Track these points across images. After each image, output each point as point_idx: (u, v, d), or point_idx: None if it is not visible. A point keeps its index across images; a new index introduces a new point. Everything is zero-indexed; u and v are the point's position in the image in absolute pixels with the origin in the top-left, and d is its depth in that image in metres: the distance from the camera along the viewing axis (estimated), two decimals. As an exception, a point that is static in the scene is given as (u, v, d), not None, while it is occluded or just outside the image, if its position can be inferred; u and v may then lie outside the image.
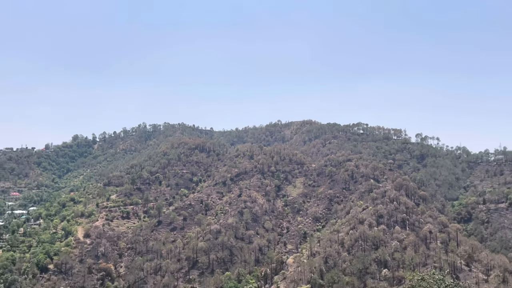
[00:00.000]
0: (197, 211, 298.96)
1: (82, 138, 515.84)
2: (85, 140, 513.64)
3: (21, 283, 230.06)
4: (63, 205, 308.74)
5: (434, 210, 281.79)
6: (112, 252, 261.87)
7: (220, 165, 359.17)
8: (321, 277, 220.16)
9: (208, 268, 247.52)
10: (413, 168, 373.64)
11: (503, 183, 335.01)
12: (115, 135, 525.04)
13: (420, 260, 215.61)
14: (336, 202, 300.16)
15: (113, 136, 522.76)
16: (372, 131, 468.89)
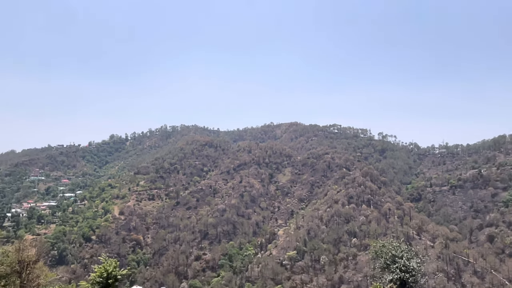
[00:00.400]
0: (207, 194, 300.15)
1: (117, 137, 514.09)
2: (120, 138, 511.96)
3: (70, 250, 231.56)
4: (103, 189, 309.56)
5: (392, 192, 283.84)
6: (141, 226, 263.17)
7: (225, 158, 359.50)
8: (305, 245, 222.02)
9: (216, 238, 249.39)
10: (376, 159, 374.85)
11: (445, 170, 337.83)
12: (143, 135, 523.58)
13: (382, 231, 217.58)
14: (316, 187, 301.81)
15: (141, 135, 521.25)
16: (344, 131, 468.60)
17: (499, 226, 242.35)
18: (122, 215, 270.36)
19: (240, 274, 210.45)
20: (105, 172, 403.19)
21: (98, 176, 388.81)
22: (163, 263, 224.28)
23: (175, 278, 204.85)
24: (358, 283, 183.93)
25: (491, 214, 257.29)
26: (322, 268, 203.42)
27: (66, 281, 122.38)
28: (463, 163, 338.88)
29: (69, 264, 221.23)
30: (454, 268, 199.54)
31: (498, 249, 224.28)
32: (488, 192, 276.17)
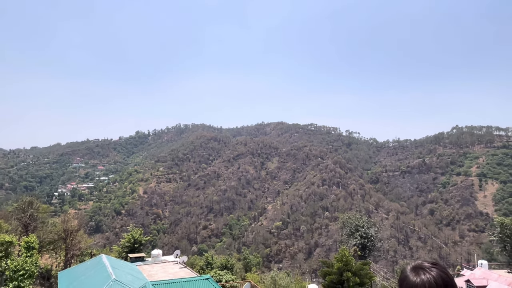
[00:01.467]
0: (212, 178, 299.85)
1: (141, 132, 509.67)
2: (143, 134, 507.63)
3: (105, 222, 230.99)
4: (130, 174, 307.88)
5: (356, 176, 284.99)
6: (160, 202, 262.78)
7: (226, 150, 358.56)
8: (288, 217, 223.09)
9: (219, 212, 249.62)
10: (344, 151, 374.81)
11: (397, 159, 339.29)
12: (162, 131, 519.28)
13: (348, 206, 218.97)
14: (297, 172, 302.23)
15: (160, 131, 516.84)
16: (319, 128, 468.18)
17: (438, 203, 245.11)
18: (145, 194, 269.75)
19: (238, 239, 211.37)
20: (132, 161, 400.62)
21: (126, 164, 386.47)
22: (178, 231, 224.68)
23: (187, 243, 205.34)
24: (329, 247, 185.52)
25: (432, 193, 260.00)
26: (302, 235, 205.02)
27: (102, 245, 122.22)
28: (411, 154, 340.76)
29: (103, 232, 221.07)
30: (403, 235, 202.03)
31: (437, 220, 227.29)
32: (430, 176, 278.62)
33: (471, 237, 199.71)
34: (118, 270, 28.58)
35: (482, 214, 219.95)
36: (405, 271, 1.72)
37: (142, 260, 43.37)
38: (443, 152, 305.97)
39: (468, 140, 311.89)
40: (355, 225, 49.82)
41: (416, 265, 1.69)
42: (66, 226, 53.39)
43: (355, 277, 23.57)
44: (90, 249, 58.52)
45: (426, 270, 1.64)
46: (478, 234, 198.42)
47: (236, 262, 63.53)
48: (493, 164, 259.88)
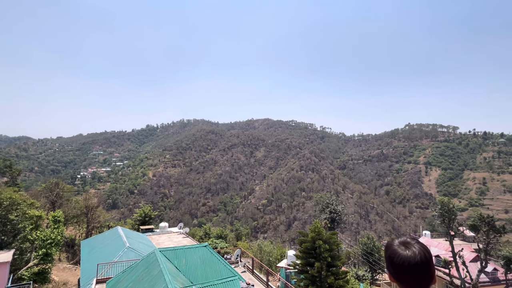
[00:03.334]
0: (210, 164, 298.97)
1: (151, 126, 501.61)
2: (152, 127, 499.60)
3: (120, 200, 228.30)
4: (141, 160, 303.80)
5: (328, 163, 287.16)
6: (167, 184, 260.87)
7: (222, 141, 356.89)
8: (272, 196, 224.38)
9: (216, 192, 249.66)
10: (318, 143, 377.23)
11: (360, 150, 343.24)
12: (168, 125, 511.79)
13: (320, 188, 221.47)
14: (280, 159, 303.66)
15: (167, 125, 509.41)
16: (298, 124, 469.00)
17: (392, 185, 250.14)
18: (154, 177, 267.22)
19: (231, 214, 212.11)
20: (143, 149, 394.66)
21: (138, 152, 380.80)
22: (181, 208, 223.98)
23: (189, 217, 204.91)
24: (305, 220, 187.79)
25: (388, 177, 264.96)
26: (283, 210, 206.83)
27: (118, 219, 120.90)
28: (372, 146, 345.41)
29: (119, 208, 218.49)
30: (364, 211, 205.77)
31: (392, 199, 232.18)
32: (387, 164, 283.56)
33: (417, 212, 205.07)
34: (131, 239, 28.41)
35: (427, 194, 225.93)
36: (392, 246, 1.57)
37: (151, 231, 43.18)
38: (398, 145, 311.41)
39: (417, 135, 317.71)
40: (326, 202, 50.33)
41: (402, 241, 1.57)
42: (87, 203, 52.61)
43: (325, 244, 23.97)
44: (107, 222, 57.88)
45: (412, 245, 1.55)
46: (423, 210, 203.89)
47: (229, 232, 63.83)
48: (437, 154, 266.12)
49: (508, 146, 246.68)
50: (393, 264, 1.50)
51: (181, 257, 17.89)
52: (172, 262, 17.30)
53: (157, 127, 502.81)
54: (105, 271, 20.74)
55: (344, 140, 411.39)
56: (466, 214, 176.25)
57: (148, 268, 15.55)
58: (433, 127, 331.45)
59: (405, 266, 1.46)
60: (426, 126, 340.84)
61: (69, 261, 43.57)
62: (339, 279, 23.36)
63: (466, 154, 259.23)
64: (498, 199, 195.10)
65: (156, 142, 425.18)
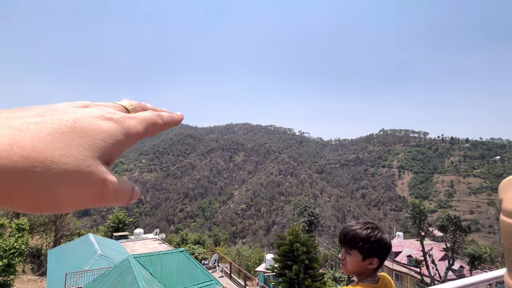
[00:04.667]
0: (188, 168, 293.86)
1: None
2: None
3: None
4: (116, 165, 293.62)
5: (306, 167, 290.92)
6: (143, 189, 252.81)
7: (200, 145, 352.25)
8: (251, 200, 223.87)
9: (194, 197, 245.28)
10: (296, 147, 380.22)
11: (337, 155, 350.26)
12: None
13: (299, 191, 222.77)
14: (259, 164, 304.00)
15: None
16: (277, 129, 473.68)
17: (368, 188, 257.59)
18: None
19: (209, 220, 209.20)
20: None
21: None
22: (158, 214, 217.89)
23: (166, 223, 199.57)
24: (284, 224, 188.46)
25: (364, 181, 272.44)
26: (262, 215, 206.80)
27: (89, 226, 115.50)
28: (348, 150, 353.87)
29: (91, 215, 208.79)
30: (341, 214, 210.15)
31: (367, 202, 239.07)
32: (362, 168, 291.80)
33: (391, 215, 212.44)
34: (104, 246, 27.27)
35: (400, 197, 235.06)
36: (376, 234, 1.61)
37: (125, 238, 41.65)
38: (373, 149, 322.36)
39: (391, 140, 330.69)
40: (304, 206, 51.01)
41: (375, 226, 1.66)
42: (56, 210, 49.82)
43: (303, 247, 24.25)
44: (78, 230, 55.17)
45: (379, 229, 1.67)
46: (397, 213, 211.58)
47: (207, 238, 62.95)
48: (409, 158, 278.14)
49: (472, 150, 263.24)
50: (382, 247, 1.58)
51: (157, 263, 17.43)
52: (147, 268, 16.82)
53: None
54: (74, 281, 19.73)
55: (321, 145, 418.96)
56: (436, 215, 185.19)
57: (121, 276, 15.00)
58: (406, 133, 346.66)
59: (387, 245, 1.60)
60: (399, 131, 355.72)
61: (34, 273, 41.00)
62: (316, 281, 23.70)
63: (436, 158, 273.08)
64: (464, 201, 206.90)
65: (132, 146, 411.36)
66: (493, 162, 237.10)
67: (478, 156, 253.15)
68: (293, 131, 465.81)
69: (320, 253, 51.88)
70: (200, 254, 39.29)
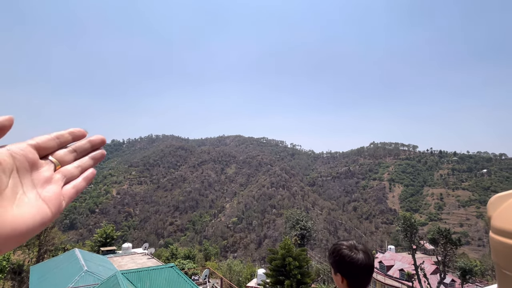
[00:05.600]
0: (179, 181, 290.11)
1: (117, 141, 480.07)
2: (118, 142, 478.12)
3: (79, 219, 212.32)
4: (105, 177, 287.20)
5: (298, 180, 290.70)
6: (132, 202, 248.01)
7: (192, 157, 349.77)
8: (243, 214, 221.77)
9: (184, 210, 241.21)
10: (288, 160, 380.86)
11: (329, 167, 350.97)
12: (135, 140, 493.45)
13: (291, 204, 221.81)
14: (251, 176, 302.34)
15: (134, 140, 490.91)
16: (269, 141, 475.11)
17: (359, 201, 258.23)
18: (118, 194, 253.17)
19: (200, 233, 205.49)
20: (107, 166, 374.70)
21: (102, 168, 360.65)
22: (147, 227, 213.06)
23: (155, 237, 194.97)
24: (275, 238, 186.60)
25: (355, 194, 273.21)
26: (253, 228, 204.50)
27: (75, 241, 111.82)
28: (340, 163, 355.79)
29: (78, 229, 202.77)
30: (333, 227, 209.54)
31: (359, 215, 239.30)
32: (354, 181, 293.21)
33: (383, 228, 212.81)
34: (90, 262, 26.39)
35: (391, 210, 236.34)
36: (341, 248, 1.62)
37: (113, 253, 40.44)
38: (364, 162, 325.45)
39: (381, 153, 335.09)
40: (296, 219, 50.70)
41: (350, 244, 1.66)
42: (41, 223, 48.10)
43: (295, 261, 23.96)
44: (63, 244, 53.26)
45: (359, 247, 1.66)
46: (388, 226, 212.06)
47: (197, 252, 61.60)
48: (399, 171, 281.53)
49: (460, 164, 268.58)
50: (344, 263, 1.59)
51: (145, 279, 16.92)
52: (135, 285, 16.29)
53: (123, 142, 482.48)
54: (58, 299, 18.92)
55: (313, 157, 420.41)
56: (427, 228, 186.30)
57: (108, 293, 14.48)
58: (395, 146, 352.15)
59: (357, 265, 1.60)
60: (389, 144, 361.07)
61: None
62: (309, 296, 23.28)
63: (425, 171, 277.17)
64: (454, 214, 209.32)
65: (122, 158, 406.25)
66: (480, 175, 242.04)
67: (466, 169, 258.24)
68: (285, 144, 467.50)
69: (312, 267, 51.25)
70: (190, 270, 38.36)
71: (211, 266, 49.29)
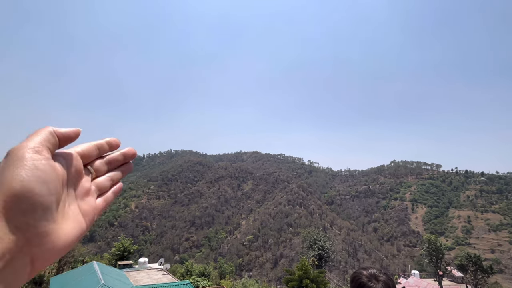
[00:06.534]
0: (196, 196, 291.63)
1: (138, 155, 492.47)
2: (139, 156, 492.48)
3: (98, 232, 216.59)
4: (124, 191, 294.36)
5: (315, 198, 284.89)
6: (149, 216, 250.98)
7: (209, 173, 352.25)
8: (259, 231, 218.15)
9: (200, 226, 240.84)
10: (305, 177, 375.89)
11: (347, 186, 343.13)
12: (155, 155, 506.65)
13: (308, 223, 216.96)
14: (268, 193, 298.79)
15: (154, 155, 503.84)
16: (286, 158, 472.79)
17: (380, 222, 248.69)
18: (137, 208, 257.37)
19: (215, 250, 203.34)
20: (127, 179, 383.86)
21: (123, 181, 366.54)
22: (163, 242, 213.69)
23: (171, 252, 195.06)
24: (292, 257, 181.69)
25: (375, 214, 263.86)
26: (269, 247, 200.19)
27: (94, 253, 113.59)
28: (359, 181, 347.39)
29: (96, 241, 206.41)
30: (352, 248, 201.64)
31: (379, 236, 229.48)
32: (374, 200, 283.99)
33: (406, 251, 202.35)
34: (107, 275, 26.59)
35: (414, 232, 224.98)
36: (360, 277, 1.62)
37: (129, 267, 40.66)
38: (384, 181, 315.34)
39: (403, 172, 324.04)
40: (314, 239, 49.27)
41: (370, 273, 1.64)
42: (62, 235, 49.36)
43: (312, 284, 23.07)
44: (82, 256, 54.25)
45: (380, 277, 1.63)
46: (411, 249, 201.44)
47: (212, 270, 60.72)
48: (422, 191, 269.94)
49: (489, 185, 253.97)
50: None
51: (160, 296, 16.77)
52: (150, 301, 16.16)
53: (143, 157, 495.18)
54: (75, 312, 19.05)
55: (331, 175, 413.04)
56: (454, 253, 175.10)
57: (123, 308, 14.43)
58: (417, 165, 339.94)
59: None
60: (410, 163, 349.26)
61: (35, 301, 39.84)
62: (327, 322, 22.17)
63: (450, 192, 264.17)
64: (484, 238, 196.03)
65: (142, 172, 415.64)
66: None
67: (495, 191, 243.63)
68: (302, 161, 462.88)
69: (330, 290, 49.10)
70: (205, 287, 37.77)
71: (226, 285, 48.33)
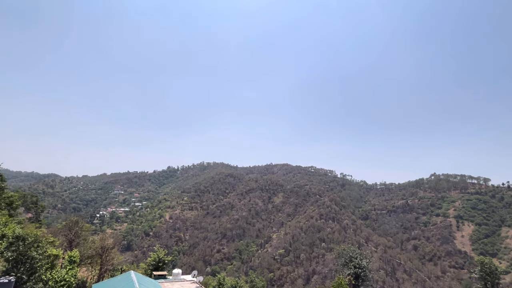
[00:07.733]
0: (227, 208, 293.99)
1: (172, 167, 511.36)
2: (173, 169, 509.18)
3: (135, 241, 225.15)
4: (160, 201, 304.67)
5: (349, 212, 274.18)
6: (183, 227, 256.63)
7: (240, 185, 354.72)
8: (290, 246, 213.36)
9: (231, 238, 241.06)
10: (338, 190, 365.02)
11: (384, 200, 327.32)
12: (188, 167, 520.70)
13: (341, 239, 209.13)
14: (299, 206, 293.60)
15: (187, 167, 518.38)
16: (318, 170, 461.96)
17: (420, 240, 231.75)
18: (171, 219, 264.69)
19: (246, 263, 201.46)
20: (162, 190, 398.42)
21: (158, 193, 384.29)
22: (195, 253, 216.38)
23: (202, 264, 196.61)
24: (325, 275, 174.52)
25: (415, 230, 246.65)
26: (301, 262, 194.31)
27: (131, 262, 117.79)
28: (396, 196, 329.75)
29: (133, 250, 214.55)
30: (391, 267, 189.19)
31: (420, 255, 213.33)
32: (413, 216, 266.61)
33: (452, 273, 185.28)
34: (143, 286, 27.15)
35: (461, 252, 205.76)
36: None
37: (164, 278, 41.34)
38: (424, 195, 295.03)
39: (445, 185, 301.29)
40: (349, 256, 46.78)
41: None
42: (103, 243, 51.93)
43: (350, 305, 21.65)
44: (121, 265, 56.40)
45: None
46: (458, 271, 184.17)
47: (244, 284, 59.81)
48: (468, 208, 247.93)
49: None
50: None
51: (194, 310, 16.60)
52: (184, 315, 16.04)
53: (177, 168, 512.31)
54: (113, 321, 19.52)
55: (365, 189, 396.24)
56: (509, 277, 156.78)
57: (159, 321, 14.43)
58: (462, 178, 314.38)
59: None
60: (453, 176, 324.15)
61: (78, 306, 41.72)
62: None
63: (502, 209, 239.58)
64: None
65: (176, 183, 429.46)
66: None
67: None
68: (335, 173, 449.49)
69: (369, 313, 45.88)
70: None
71: (258, 301, 47.22)
